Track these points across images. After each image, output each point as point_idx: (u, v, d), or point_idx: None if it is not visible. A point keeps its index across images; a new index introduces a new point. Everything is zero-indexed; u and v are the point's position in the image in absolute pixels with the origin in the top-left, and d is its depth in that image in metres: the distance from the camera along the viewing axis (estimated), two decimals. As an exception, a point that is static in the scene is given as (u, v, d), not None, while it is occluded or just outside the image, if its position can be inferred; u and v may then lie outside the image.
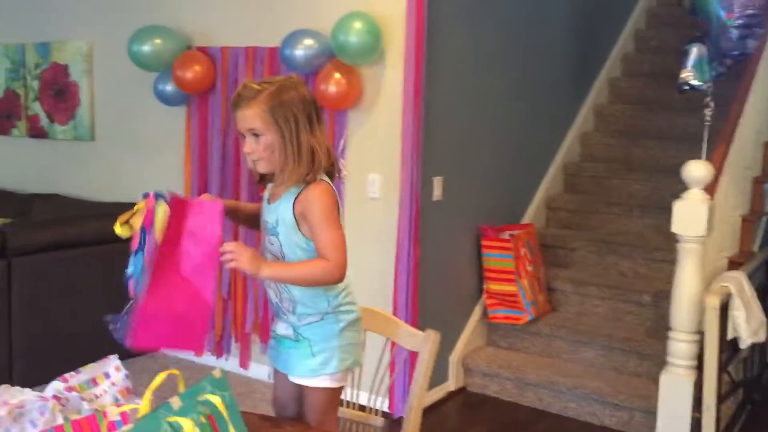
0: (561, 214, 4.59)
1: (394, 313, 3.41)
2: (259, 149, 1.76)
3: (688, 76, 3.08)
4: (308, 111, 1.77)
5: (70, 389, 1.40)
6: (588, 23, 4.88)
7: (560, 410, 3.60)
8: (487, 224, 3.97)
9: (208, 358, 4.06)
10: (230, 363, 4.01)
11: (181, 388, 1.21)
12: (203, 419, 1.08)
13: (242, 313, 3.91)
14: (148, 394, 1.16)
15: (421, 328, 3.39)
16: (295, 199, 1.77)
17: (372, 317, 2.00)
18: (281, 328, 1.92)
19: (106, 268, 3.94)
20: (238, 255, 1.71)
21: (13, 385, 3.52)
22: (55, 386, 1.40)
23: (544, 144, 4.62)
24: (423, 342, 1.91)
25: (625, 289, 3.91)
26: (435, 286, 3.64)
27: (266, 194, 1.90)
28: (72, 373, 1.44)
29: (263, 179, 1.89)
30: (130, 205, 4.10)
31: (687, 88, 3.10)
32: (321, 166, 1.78)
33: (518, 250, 3.84)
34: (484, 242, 3.90)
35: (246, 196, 3.80)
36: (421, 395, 1.89)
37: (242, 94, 1.76)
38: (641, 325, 3.83)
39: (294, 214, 1.78)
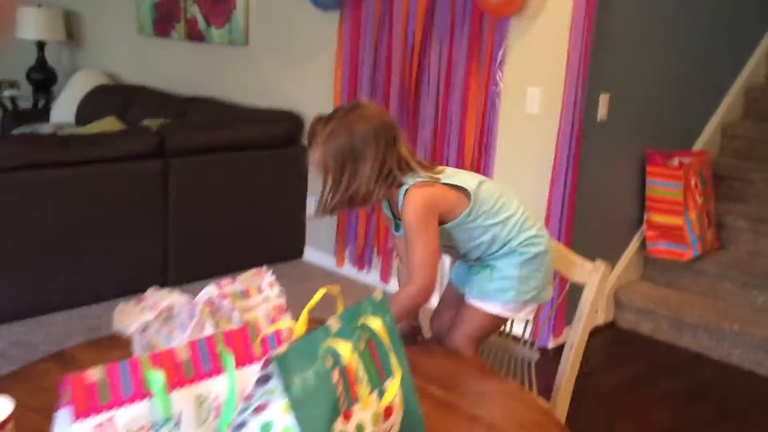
0: (738, 142, 4.13)
1: (546, 239, 3.21)
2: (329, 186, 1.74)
3: None
4: (379, 145, 1.64)
5: (223, 296, 1.34)
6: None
7: (722, 357, 3.31)
8: (655, 149, 3.62)
9: (349, 269, 4.06)
10: (371, 276, 3.99)
11: (340, 308, 1.10)
12: (363, 345, 0.97)
13: (386, 230, 3.84)
14: (305, 314, 1.07)
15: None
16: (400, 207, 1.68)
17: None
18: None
19: (255, 173, 3.99)
20: None
21: (167, 283, 3.69)
22: (210, 291, 1.34)
23: (724, 62, 4.13)
24: (591, 273, 1.72)
25: (810, 230, 3.48)
26: (591, 213, 3.39)
27: (390, 222, 1.83)
28: (228, 279, 1.38)
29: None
30: (279, 112, 4.07)
31: None
32: (392, 182, 1.66)
33: (688, 179, 3.49)
34: (649, 168, 3.57)
35: (396, 105, 3.66)
36: (585, 330, 1.73)
37: (308, 133, 1.74)
38: (825, 271, 3.42)
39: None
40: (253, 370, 0.99)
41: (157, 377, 0.92)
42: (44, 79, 5.69)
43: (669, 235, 3.55)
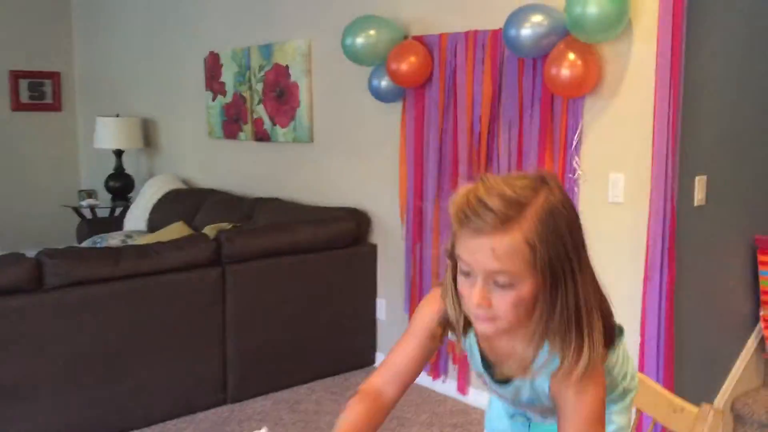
0: None
1: (642, 344, 2.77)
2: (505, 305, 1.08)
3: None
4: (581, 240, 1.11)
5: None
6: None
7: None
8: (765, 234, 3.15)
9: (423, 378, 3.69)
10: (448, 385, 3.61)
11: None
12: None
13: (461, 332, 3.48)
14: None
15: (677, 363, 2.74)
16: (552, 374, 1.15)
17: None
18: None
19: (319, 276, 3.75)
20: None
21: (227, 400, 3.41)
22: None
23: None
24: (695, 421, 1.32)
25: None
26: (695, 312, 2.93)
27: (478, 366, 1.29)
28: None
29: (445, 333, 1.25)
30: (345, 210, 3.85)
31: None
32: (600, 338, 1.11)
33: (810, 268, 2.99)
34: (761, 257, 3.09)
35: (465, 201, 3.36)
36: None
37: (488, 205, 1.04)
38: None
39: (549, 392, 1.19)
40: None
41: None
42: (122, 187, 5.75)
43: (793, 335, 3.02)
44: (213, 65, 4.98)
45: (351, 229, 3.86)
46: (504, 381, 1.24)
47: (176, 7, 5.31)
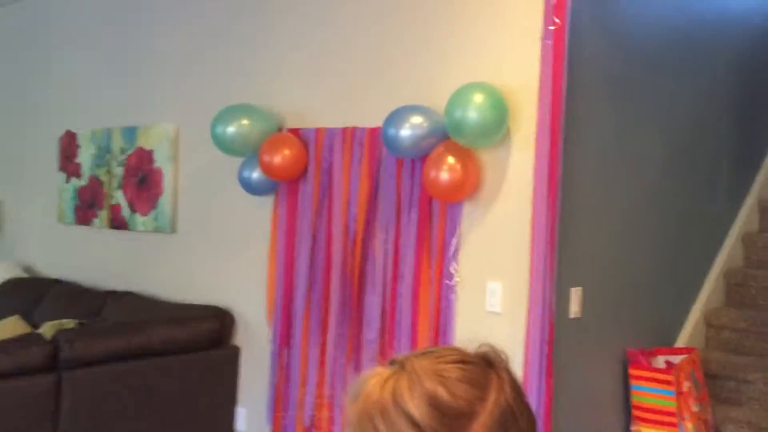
0: (726, 333, 3.67)
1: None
2: None
3: None
4: None
5: None
6: (747, 106, 4.07)
7: None
8: (636, 347, 3.14)
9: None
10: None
11: None
12: None
13: (327, 448, 3.20)
14: None
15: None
16: None
17: None
18: None
19: (174, 382, 3.38)
20: None
21: None
22: None
23: (700, 246, 3.77)
24: None
25: (825, 442, 2.94)
26: (571, 426, 2.83)
27: None
28: None
29: None
30: (207, 308, 3.53)
31: None
32: None
33: (680, 384, 2.98)
34: (633, 371, 3.06)
35: (337, 302, 3.17)
36: None
37: (399, 428, 0.72)
38: None
39: None
40: None
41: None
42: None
43: (664, 452, 2.97)
44: (69, 145, 4.61)
45: (212, 330, 3.54)
46: None
47: (32, 80, 4.93)
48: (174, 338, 3.41)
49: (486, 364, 0.79)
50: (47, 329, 3.45)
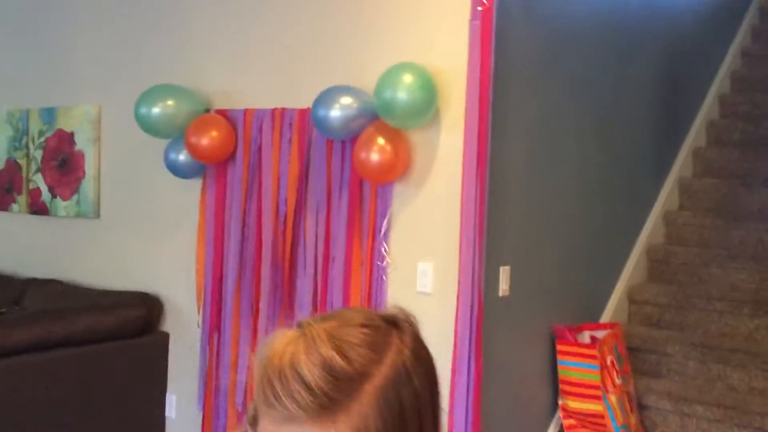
0: (648, 308, 3.81)
1: (450, 439, 2.66)
2: None
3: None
4: (433, 405, 0.82)
5: None
6: (668, 89, 4.20)
7: None
8: (562, 323, 3.22)
9: (217, 485, 3.32)
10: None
11: None
12: None
13: None
14: None
15: (486, 462, 2.66)
16: None
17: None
18: None
19: (100, 371, 3.29)
20: None
21: None
22: None
23: (623, 224, 3.89)
24: None
25: (739, 409, 3.09)
26: (500, 401, 2.90)
27: None
28: None
29: None
30: (134, 294, 3.45)
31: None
32: None
33: (604, 357, 3.08)
34: (560, 346, 3.14)
35: (268, 285, 3.14)
36: None
37: (311, 384, 0.72)
38: (765, 457, 3.00)
39: None
40: None
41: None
42: None
43: (589, 424, 3.07)
44: (-16, 127, 4.40)
45: (140, 316, 3.45)
46: None
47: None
48: (99, 326, 3.31)
49: (390, 326, 0.80)
50: (-37, 319, 3.30)
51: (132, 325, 3.43)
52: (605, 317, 3.66)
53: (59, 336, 3.15)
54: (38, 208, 4.12)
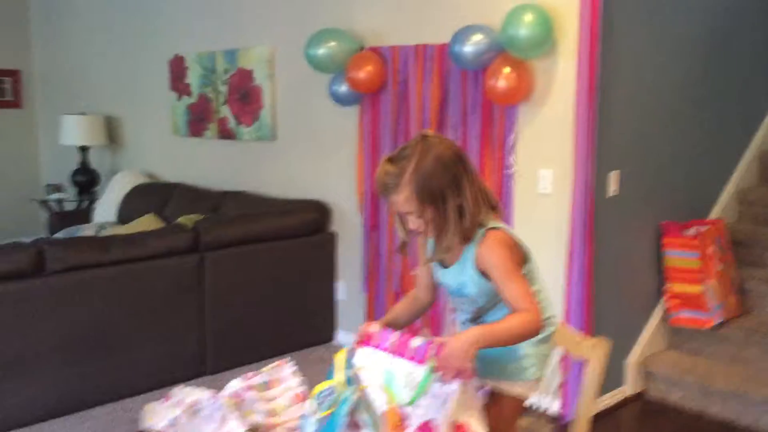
0: (756, 208, 4.20)
1: (567, 313, 3.31)
2: (422, 224, 1.72)
3: None
4: (453, 172, 1.70)
5: (249, 388, 1.48)
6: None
7: (751, 423, 3.31)
8: (670, 220, 3.72)
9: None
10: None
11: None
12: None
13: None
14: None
15: (597, 329, 3.29)
16: (474, 260, 1.75)
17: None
18: None
19: (285, 261, 4.17)
20: (448, 368, 1.58)
21: (206, 372, 3.82)
22: (235, 384, 1.49)
23: (735, 129, 4.25)
24: (591, 350, 1.82)
25: (831, 293, 3.51)
26: (610, 286, 3.47)
27: (432, 256, 1.85)
28: (252, 372, 1.53)
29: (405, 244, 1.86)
30: (307, 202, 4.29)
31: None
32: (473, 220, 1.72)
33: (705, 247, 3.57)
34: (666, 239, 3.66)
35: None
36: (588, 405, 1.82)
37: (384, 181, 1.70)
38: None
39: (479, 272, 1.75)
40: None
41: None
42: (87, 181, 6.03)
43: (690, 304, 3.60)
44: (178, 67, 5.33)
45: (313, 219, 4.29)
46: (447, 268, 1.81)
47: (139, 9, 5.62)
48: (284, 226, 4.18)
49: (422, 139, 1.70)
50: (183, 221, 4.27)
51: (308, 226, 4.27)
52: (714, 215, 4.10)
53: (256, 233, 4.04)
54: (226, 134, 5.03)
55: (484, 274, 1.74)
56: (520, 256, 1.76)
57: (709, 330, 3.61)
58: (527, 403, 1.90)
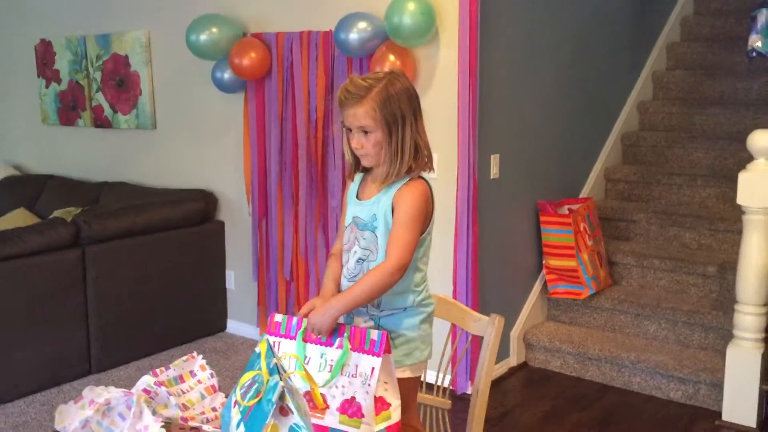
0: (621, 185, 4.53)
1: (455, 290, 3.45)
2: (368, 145, 1.78)
3: (757, 42, 3.00)
4: (414, 106, 1.80)
5: (159, 384, 1.48)
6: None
7: (624, 384, 3.60)
8: (546, 200, 3.95)
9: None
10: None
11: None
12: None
13: (305, 296, 4.00)
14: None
15: (482, 305, 3.46)
16: (392, 196, 1.79)
17: (438, 303, 2.03)
18: (360, 322, 1.89)
19: (172, 252, 4.09)
20: (315, 331, 1.72)
21: (91, 370, 3.69)
22: (146, 380, 1.48)
23: (601, 115, 4.55)
24: (487, 326, 1.94)
25: (688, 261, 3.85)
26: (494, 263, 3.66)
27: (353, 188, 1.92)
28: (162, 368, 1.52)
29: (355, 172, 1.92)
30: (193, 191, 4.21)
31: (755, 55, 3.02)
32: (424, 161, 1.81)
33: (578, 224, 3.82)
34: (542, 218, 3.89)
35: (305, 179, 3.86)
36: (488, 377, 1.94)
37: (351, 91, 1.76)
38: (706, 297, 3.78)
39: (391, 209, 1.80)
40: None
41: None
42: (-54, 175, 5.61)
43: (566, 277, 3.85)
44: (45, 52, 5.06)
45: (199, 209, 4.22)
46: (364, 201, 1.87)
47: (0, -7, 5.28)
48: (170, 217, 4.08)
49: (390, 73, 1.82)
50: (61, 215, 4.08)
51: (194, 215, 4.20)
52: (584, 194, 4.39)
53: (141, 225, 3.93)
54: (102, 122, 4.83)
55: (393, 212, 1.80)
56: (427, 215, 1.82)
57: (584, 301, 3.87)
58: (421, 380, 1.97)
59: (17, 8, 5.20)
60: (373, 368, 1.57)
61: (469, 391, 3.48)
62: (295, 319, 1.72)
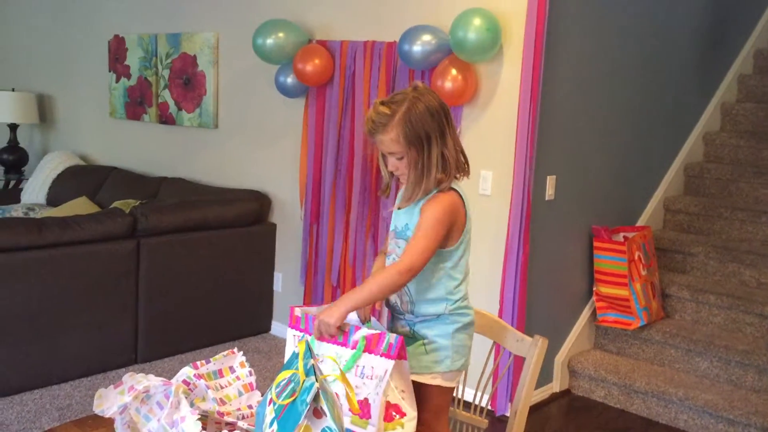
0: (680, 216, 4.41)
1: (501, 311, 3.41)
2: (403, 167, 1.84)
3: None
4: (438, 121, 1.81)
5: (199, 377, 1.49)
6: (717, 17, 4.64)
7: (669, 421, 3.49)
8: (601, 225, 3.87)
9: (316, 343, 4.18)
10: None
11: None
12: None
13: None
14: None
15: (528, 327, 3.40)
16: (424, 203, 1.84)
17: (480, 319, 2.01)
18: (398, 327, 1.96)
19: (224, 250, 4.14)
20: (323, 328, 1.72)
21: (137, 360, 3.78)
22: (186, 372, 1.50)
23: (664, 143, 4.45)
24: (530, 347, 1.90)
25: (746, 299, 3.72)
26: (543, 286, 3.60)
27: (398, 197, 1.96)
28: (202, 361, 1.54)
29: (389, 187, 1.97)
30: (248, 191, 4.27)
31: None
32: (452, 173, 1.84)
33: (632, 253, 3.73)
34: (596, 243, 3.81)
35: (359, 187, 3.87)
36: (527, 400, 1.90)
37: (375, 120, 1.81)
38: (762, 338, 3.64)
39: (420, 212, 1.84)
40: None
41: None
42: (15, 160, 5.83)
43: (617, 306, 3.76)
44: (117, 48, 5.21)
45: (253, 209, 4.28)
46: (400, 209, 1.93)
47: (80, -11, 5.47)
48: (223, 215, 4.15)
49: (413, 89, 1.83)
50: (119, 206, 4.18)
51: (248, 216, 4.25)
52: (641, 222, 4.29)
53: (195, 221, 4.00)
54: (166, 119, 4.95)
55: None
56: (453, 225, 1.85)
57: (633, 331, 3.77)
58: (454, 394, 1.96)
59: (94, 4, 5.38)
60: (386, 370, 1.57)
61: (507, 413, 3.42)
62: (311, 317, 1.74)
